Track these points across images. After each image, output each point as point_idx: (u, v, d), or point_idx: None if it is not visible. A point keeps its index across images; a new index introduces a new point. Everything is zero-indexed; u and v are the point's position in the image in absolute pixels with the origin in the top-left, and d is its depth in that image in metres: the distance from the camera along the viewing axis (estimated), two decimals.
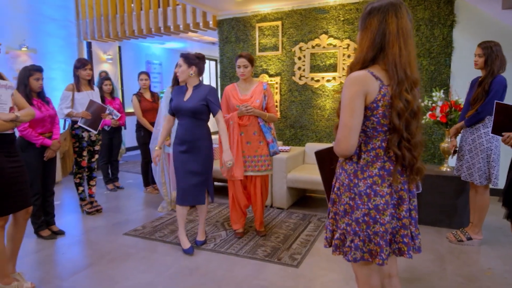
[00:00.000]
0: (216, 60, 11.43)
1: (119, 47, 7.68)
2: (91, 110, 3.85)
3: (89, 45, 6.84)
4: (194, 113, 2.94)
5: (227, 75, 5.72)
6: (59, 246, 3.26)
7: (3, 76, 2.29)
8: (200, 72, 3.04)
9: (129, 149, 8.02)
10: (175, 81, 3.79)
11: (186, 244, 3.07)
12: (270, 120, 3.30)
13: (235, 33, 5.56)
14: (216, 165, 4.32)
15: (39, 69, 3.19)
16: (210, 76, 11.37)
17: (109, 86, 4.89)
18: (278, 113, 5.34)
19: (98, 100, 3.98)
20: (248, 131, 3.20)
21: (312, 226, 3.57)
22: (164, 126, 3.17)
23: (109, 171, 5.15)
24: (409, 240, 1.54)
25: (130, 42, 7.73)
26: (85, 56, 6.88)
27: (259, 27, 5.36)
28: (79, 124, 3.82)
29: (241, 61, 3.18)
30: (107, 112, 4.03)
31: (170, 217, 3.93)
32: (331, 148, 1.72)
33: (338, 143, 1.47)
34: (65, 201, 4.63)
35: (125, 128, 5.62)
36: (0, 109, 2.20)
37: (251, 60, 3.23)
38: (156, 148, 3.14)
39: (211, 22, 5.72)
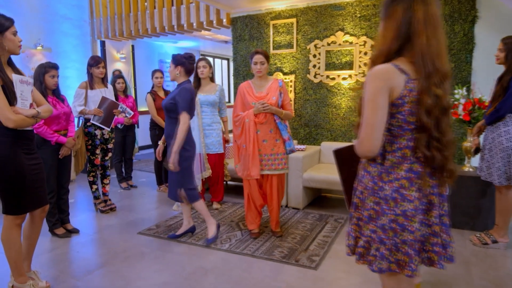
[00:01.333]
0: (228, 59, 11.39)
1: (132, 46, 7.69)
2: (103, 107, 3.82)
3: (102, 44, 6.85)
4: (167, 111, 3.08)
5: (241, 74, 5.65)
6: (74, 244, 3.23)
7: (21, 72, 2.26)
8: (187, 71, 3.08)
9: (142, 148, 8.02)
10: (197, 80, 3.88)
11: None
12: (286, 118, 3.22)
13: (248, 30, 5.49)
14: (231, 164, 4.26)
15: (54, 67, 3.17)
16: (222, 75, 11.33)
17: (122, 84, 4.87)
18: (293, 112, 5.25)
19: (112, 98, 3.96)
20: (264, 129, 3.12)
21: (329, 227, 3.47)
22: None
23: (123, 169, 5.13)
24: (440, 249, 1.42)
25: (143, 41, 7.73)
26: (99, 54, 6.89)
27: (273, 24, 5.28)
28: (91, 121, 3.80)
29: (258, 58, 3.10)
30: (120, 109, 3.99)
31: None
32: (351, 146, 1.62)
33: (361, 142, 1.36)
34: (79, 199, 4.62)
35: (138, 127, 5.60)
36: (21, 105, 2.16)
37: (267, 57, 3.16)
38: (160, 142, 3.38)
39: (224, 20, 5.66)
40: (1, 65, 2.10)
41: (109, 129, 3.90)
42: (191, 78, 3.34)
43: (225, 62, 11.31)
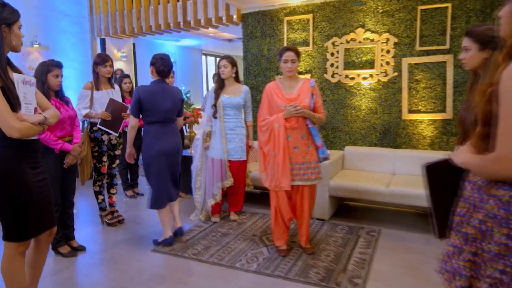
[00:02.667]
0: None
1: (134, 44, 7.29)
2: (110, 110, 3.45)
3: (103, 42, 6.45)
4: None
5: (252, 73, 5.29)
6: (81, 265, 2.86)
7: (21, 71, 1.89)
8: (158, 72, 3.04)
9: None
10: (220, 80, 3.64)
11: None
12: (319, 122, 2.89)
13: (260, 27, 5.14)
14: (254, 171, 3.92)
15: (58, 65, 2.79)
16: None
17: (129, 84, 4.49)
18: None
19: (119, 99, 3.59)
20: (296, 135, 2.78)
21: (363, 242, 3.14)
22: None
23: (128, 176, 4.75)
24: None
25: (145, 39, 7.33)
26: (98, 53, 6.48)
27: (287, 21, 4.93)
28: (98, 126, 3.42)
29: (289, 55, 2.76)
30: (129, 111, 3.62)
31: (200, 229, 3.51)
32: (447, 161, 1.31)
33: (502, 158, 1.04)
34: (83, 211, 4.23)
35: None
36: (25, 110, 1.79)
37: (299, 54, 2.82)
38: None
39: (235, 16, 5.30)
40: (4, 64, 1.73)
41: (117, 134, 3.53)
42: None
43: None
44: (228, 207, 3.85)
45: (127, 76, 4.53)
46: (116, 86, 3.65)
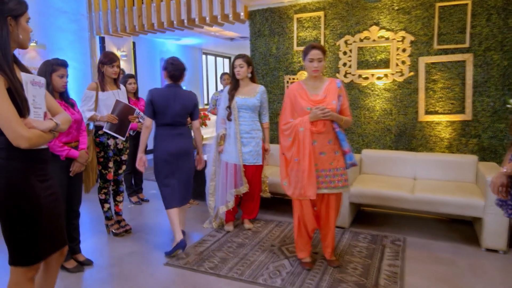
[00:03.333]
0: (230, 58, 10.79)
1: (134, 43, 7.02)
2: (117, 113, 3.21)
3: (102, 40, 6.17)
4: None
5: (259, 73, 5.07)
6: (89, 282, 2.62)
7: (29, 70, 1.65)
8: (169, 76, 3.06)
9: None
10: (234, 81, 3.45)
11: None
12: (346, 125, 2.68)
13: (269, 25, 4.92)
14: (271, 176, 3.75)
15: (64, 64, 2.55)
16: (217, 74, 10.71)
17: (134, 84, 4.24)
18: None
19: (125, 101, 3.35)
20: (322, 139, 2.57)
21: (389, 252, 2.95)
22: None
23: (132, 181, 4.50)
24: None
25: (145, 38, 7.07)
26: (98, 52, 6.21)
27: (297, 18, 4.72)
28: (104, 130, 3.19)
29: (315, 54, 2.55)
30: (135, 114, 3.39)
31: (214, 239, 3.28)
32: None
33: None
34: (87, 220, 3.96)
35: None
36: (34, 115, 1.55)
37: (325, 53, 2.61)
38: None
39: (242, 14, 5.07)
40: (10, 62, 1.49)
41: (123, 139, 3.30)
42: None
43: (226, 61, 10.70)
44: (242, 215, 3.63)
45: (132, 76, 4.29)
46: (122, 87, 3.42)
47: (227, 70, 10.77)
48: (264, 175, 3.60)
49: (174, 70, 3.02)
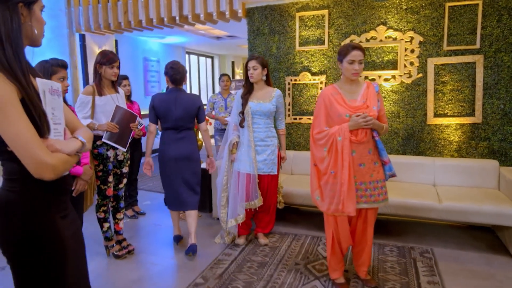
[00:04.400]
0: (212, 57, 10.38)
1: (116, 41, 6.49)
2: (117, 120, 2.81)
3: (82, 38, 5.62)
4: None
5: None
6: None
7: (40, 75, 1.27)
8: (171, 80, 3.04)
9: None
10: (248, 84, 3.18)
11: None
12: (384, 133, 2.44)
13: (268, 23, 4.63)
14: (287, 187, 3.43)
15: (64, 65, 2.15)
16: (207, 74, 10.29)
17: (128, 86, 3.82)
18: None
19: (124, 106, 2.95)
20: (362, 150, 2.31)
21: (423, 267, 2.74)
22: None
23: (127, 192, 4.07)
24: None
25: (127, 36, 6.57)
26: (77, 51, 5.66)
27: (299, 17, 4.46)
28: (103, 140, 2.78)
29: (357, 55, 2.28)
30: (137, 121, 3.00)
31: (230, 258, 2.94)
32: None
33: None
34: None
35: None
36: (55, 132, 1.17)
37: (364, 54, 2.36)
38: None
39: (240, 11, 4.74)
40: (23, 64, 1.11)
41: (124, 150, 2.90)
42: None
43: (209, 60, 10.29)
44: (255, 228, 3.32)
45: (126, 78, 3.86)
46: (121, 90, 3.01)
47: (209, 70, 10.37)
48: (280, 185, 3.30)
49: (175, 73, 2.99)
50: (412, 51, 4.08)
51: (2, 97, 1.02)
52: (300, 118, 4.53)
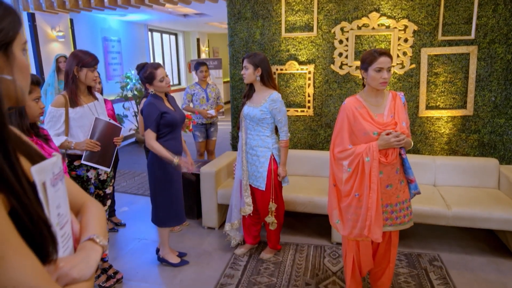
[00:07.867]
0: (176, 34, 9.60)
1: (71, 21, 5.66)
2: (98, 136, 2.35)
3: (31, 17, 4.80)
4: None
5: (239, 61, 4.35)
6: None
7: (38, 150, 0.83)
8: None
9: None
10: (249, 86, 2.83)
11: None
12: (408, 148, 2.21)
13: (251, 7, 4.18)
14: (285, 194, 3.07)
15: (37, 81, 1.65)
16: (171, 52, 9.52)
17: (99, 85, 3.27)
18: (311, 110, 4.23)
19: (104, 115, 2.48)
20: (389, 170, 2.06)
21: (435, 278, 2.63)
22: None
23: None
24: None
25: (84, 14, 5.76)
26: (27, 32, 4.85)
27: (286, 0, 4.06)
28: (82, 161, 2.31)
29: (386, 62, 1.98)
30: (121, 134, 2.55)
31: (234, 281, 2.65)
32: None
33: None
34: None
35: None
36: (62, 242, 0.76)
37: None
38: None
39: None
40: (10, 148, 0.67)
41: (109, 170, 2.45)
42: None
43: (173, 37, 9.52)
44: None
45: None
46: (100, 96, 2.51)
47: (173, 48, 9.60)
48: (272, 204, 2.80)
49: (149, 74, 2.63)
50: (406, 40, 3.86)
51: None
52: (287, 110, 4.23)
